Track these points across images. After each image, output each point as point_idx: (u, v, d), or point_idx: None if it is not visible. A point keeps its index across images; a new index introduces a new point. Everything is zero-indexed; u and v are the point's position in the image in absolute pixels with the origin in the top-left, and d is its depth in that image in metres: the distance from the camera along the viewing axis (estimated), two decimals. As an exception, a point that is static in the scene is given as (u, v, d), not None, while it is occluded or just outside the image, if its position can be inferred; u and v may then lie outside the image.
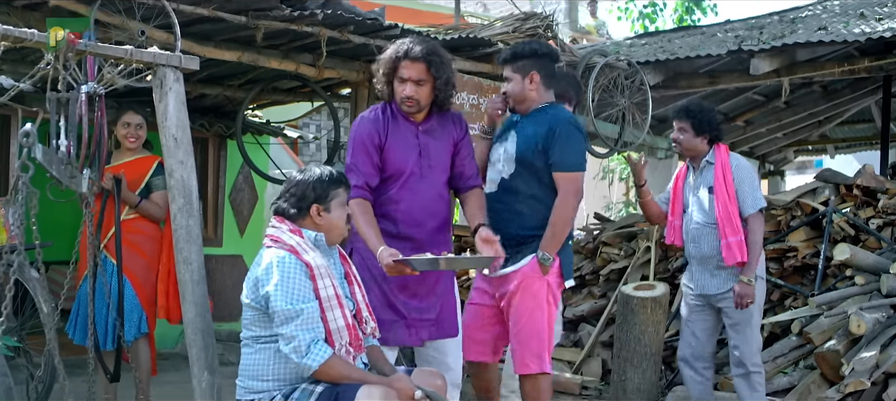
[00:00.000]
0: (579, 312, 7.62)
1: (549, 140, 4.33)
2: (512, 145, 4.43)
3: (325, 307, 3.50)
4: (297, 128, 10.89)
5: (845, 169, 8.39)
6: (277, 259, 3.49)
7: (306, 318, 3.43)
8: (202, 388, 3.99)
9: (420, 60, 4.03)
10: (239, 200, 9.39)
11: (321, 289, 3.50)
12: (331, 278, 3.56)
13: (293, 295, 3.44)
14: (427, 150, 4.14)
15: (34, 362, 5.27)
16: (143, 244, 5.56)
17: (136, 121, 5.68)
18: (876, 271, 6.20)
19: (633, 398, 6.15)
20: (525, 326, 4.33)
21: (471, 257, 4.03)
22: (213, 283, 7.76)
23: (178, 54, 4.07)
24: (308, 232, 3.61)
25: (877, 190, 6.84)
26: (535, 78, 4.43)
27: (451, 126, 4.24)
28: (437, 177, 4.16)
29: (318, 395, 3.45)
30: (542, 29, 6.68)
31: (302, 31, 5.75)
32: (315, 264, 3.51)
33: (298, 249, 3.52)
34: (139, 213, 5.59)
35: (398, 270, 3.84)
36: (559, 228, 4.32)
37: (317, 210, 3.60)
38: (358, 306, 3.69)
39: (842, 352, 5.56)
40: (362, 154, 4.07)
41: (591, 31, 17.48)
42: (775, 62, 7.53)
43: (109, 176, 5.50)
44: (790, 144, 13.46)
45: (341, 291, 3.60)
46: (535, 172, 4.37)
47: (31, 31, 3.72)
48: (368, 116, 4.17)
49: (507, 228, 4.33)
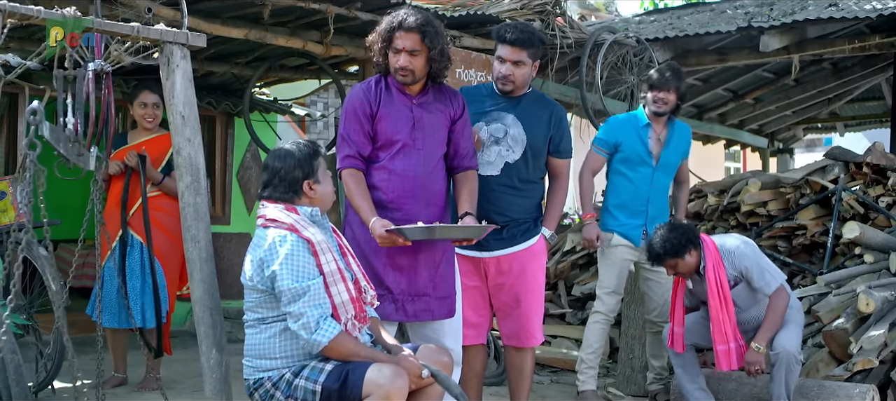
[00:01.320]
0: (587, 290, 7.61)
1: (555, 128, 4.53)
2: (517, 130, 4.46)
3: (329, 282, 3.51)
4: (305, 106, 10.87)
5: (855, 147, 8.35)
6: (279, 238, 3.50)
7: (313, 294, 3.44)
8: (210, 365, 3.99)
9: (414, 30, 4.00)
10: (247, 178, 9.39)
11: (324, 264, 3.51)
12: (331, 253, 3.57)
13: (299, 273, 3.45)
14: (422, 123, 4.11)
15: (43, 340, 5.30)
16: (165, 221, 5.60)
17: (153, 100, 5.69)
18: (885, 250, 6.19)
19: (641, 376, 6.15)
20: (536, 299, 4.55)
21: (464, 226, 4.02)
22: (221, 261, 7.78)
23: (185, 31, 4.05)
24: (303, 208, 3.62)
25: (887, 168, 6.81)
26: (537, 64, 4.56)
27: (448, 102, 4.21)
28: (431, 150, 4.13)
29: (327, 373, 3.45)
30: (550, 5, 6.65)
31: (309, 8, 5.73)
32: (316, 240, 3.52)
33: (298, 227, 3.53)
34: (161, 190, 5.62)
35: (391, 240, 3.84)
36: (560, 209, 4.63)
37: (309, 185, 3.63)
38: (356, 276, 3.70)
39: (850, 330, 5.55)
40: (354, 123, 4.06)
41: (600, 7, 17.39)
42: (785, 39, 7.49)
43: (133, 153, 5.52)
44: (799, 121, 13.42)
45: (342, 264, 3.61)
46: (539, 157, 4.51)
47: (37, 8, 3.70)
48: (361, 86, 4.17)
49: (509, 210, 4.43)
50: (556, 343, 7.29)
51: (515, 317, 4.53)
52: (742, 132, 12.95)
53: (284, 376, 3.53)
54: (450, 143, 4.22)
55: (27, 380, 4.28)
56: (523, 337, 4.57)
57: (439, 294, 4.16)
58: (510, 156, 4.46)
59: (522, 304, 4.51)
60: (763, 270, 5.05)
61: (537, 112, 4.50)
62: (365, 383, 3.37)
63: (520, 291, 4.48)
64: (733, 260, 5.07)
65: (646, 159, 5.64)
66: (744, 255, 5.07)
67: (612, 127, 5.78)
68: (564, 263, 7.84)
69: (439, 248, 4.14)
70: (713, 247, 5.09)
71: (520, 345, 4.58)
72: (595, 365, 5.73)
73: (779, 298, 5.01)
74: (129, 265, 5.58)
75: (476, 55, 6.52)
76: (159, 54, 4.01)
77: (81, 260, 4.85)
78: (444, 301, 4.18)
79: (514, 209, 4.46)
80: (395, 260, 4.05)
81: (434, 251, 4.13)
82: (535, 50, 4.47)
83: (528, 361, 4.64)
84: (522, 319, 4.52)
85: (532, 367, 4.68)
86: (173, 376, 6.17)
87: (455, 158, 4.24)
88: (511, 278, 4.46)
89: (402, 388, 3.39)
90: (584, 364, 5.70)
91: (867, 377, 5.42)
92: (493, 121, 4.50)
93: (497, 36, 4.47)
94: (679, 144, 5.77)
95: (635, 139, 5.66)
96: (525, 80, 4.48)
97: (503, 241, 4.44)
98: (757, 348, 4.97)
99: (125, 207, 5.56)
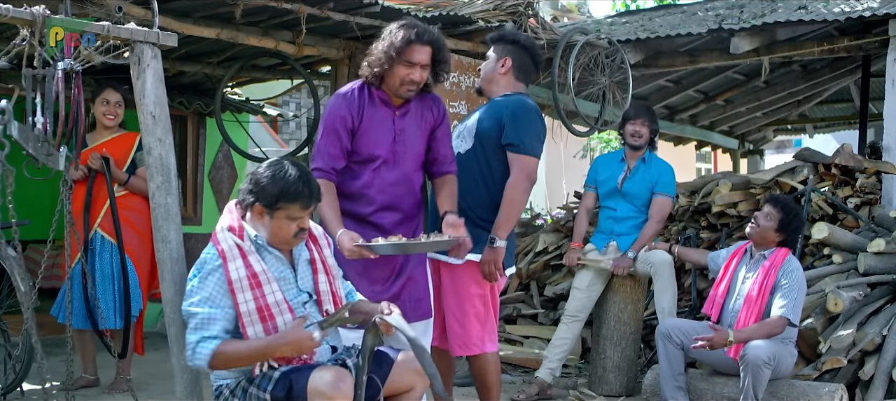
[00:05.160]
0: (559, 290, 7.64)
1: (508, 118, 4.37)
2: (472, 121, 4.50)
3: (245, 323, 3.41)
4: (277, 106, 10.85)
5: (824, 148, 8.44)
6: (203, 259, 3.48)
7: (199, 321, 3.39)
8: (181, 366, 3.96)
9: (429, 44, 4.00)
10: (218, 179, 9.35)
11: (241, 304, 3.41)
12: (261, 288, 3.42)
13: (197, 297, 3.42)
14: (403, 135, 4.11)
15: (11, 341, 5.25)
16: (136, 220, 5.57)
17: (115, 98, 5.65)
18: (853, 250, 6.25)
19: (613, 376, 6.18)
20: (474, 310, 4.42)
21: (432, 241, 3.95)
22: (193, 261, 7.72)
23: (156, 31, 4.02)
24: (249, 231, 3.52)
25: (855, 169, 6.88)
26: (507, 64, 4.54)
27: (428, 110, 4.21)
28: (410, 162, 4.13)
29: (275, 381, 3.41)
30: (522, 6, 6.66)
31: (281, 7, 5.70)
32: (237, 277, 3.41)
33: (228, 256, 3.44)
34: (128, 189, 5.58)
35: (359, 253, 3.81)
36: (512, 209, 4.33)
37: (259, 211, 3.48)
38: (319, 297, 3.60)
39: (819, 330, 5.60)
40: (332, 137, 4.03)
41: (572, 9, 17.44)
42: (755, 41, 7.54)
43: (96, 156, 5.47)
44: (769, 123, 13.52)
45: (281, 296, 3.46)
46: (489, 150, 4.40)
47: (6, 7, 3.67)
48: (344, 95, 4.12)
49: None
50: (528, 343, 7.30)
51: (455, 324, 4.45)
52: (713, 134, 13.04)
53: (240, 383, 3.50)
54: (429, 150, 4.22)
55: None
56: (467, 344, 4.45)
57: (413, 296, 4.17)
58: (462, 146, 4.46)
59: (460, 312, 4.42)
60: (789, 297, 5.08)
61: (497, 108, 4.45)
62: (309, 392, 3.31)
63: (458, 300, 4.42)
64: (790, 269, 5.18)
65: (615, 190, 6.19)
66: (795, 273, 5.17)
67: (594, 165, 6.52)
68: (537, 264, 7.86)
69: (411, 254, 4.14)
70: (783, 254, 5.25)
71: (462, 352, 4.48)
72: (555, 359, 6.06)
73: (777, 323, 5.06)
74: (100, 267, 5.54)
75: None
76: (130, 54, 3.98)
77: (51, 261, 4.81)
78: (419, 304, 4.20)
79: (460, 200, 4.29)
80: (368, 269, 4.04)
81: (406, 257, 4.13)
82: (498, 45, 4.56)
83: (484, 368, 4.48)
84: (465, 326, 4.43)
85: (495, 372, 4.52)
86: (144, 377, 6.13)
87: (434, 165, 4.26)
88: (451, 286, 4.43)
89: (345, 391, 3.31)
90: (545, 358, 6.08)
91: (836, 377, 5.47)
92: (462, 122, 4.58)
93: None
94: (647, 175, 6.13)
95: (610, 173, 6.28)
96: (491, 73, 4.56)
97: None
98: (730, 335, 4.98)
99: (88, 210, 5.51)
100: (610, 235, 6.20)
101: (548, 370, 6.05)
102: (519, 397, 5.92)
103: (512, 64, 4.55)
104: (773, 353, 4.97)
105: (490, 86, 4.57)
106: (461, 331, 4.43)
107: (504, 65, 4.53)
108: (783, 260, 5.21)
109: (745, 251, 5.44)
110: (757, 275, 5.21)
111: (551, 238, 7.96)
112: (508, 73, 4.54)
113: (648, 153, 6.23)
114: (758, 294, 5.15)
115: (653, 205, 6.11)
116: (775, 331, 5.04)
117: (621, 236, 6.14)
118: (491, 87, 4.57)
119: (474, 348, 4.45)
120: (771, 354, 4.95)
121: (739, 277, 5.36)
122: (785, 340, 5.14)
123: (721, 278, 5.44)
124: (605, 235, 6.25)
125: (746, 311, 5.18)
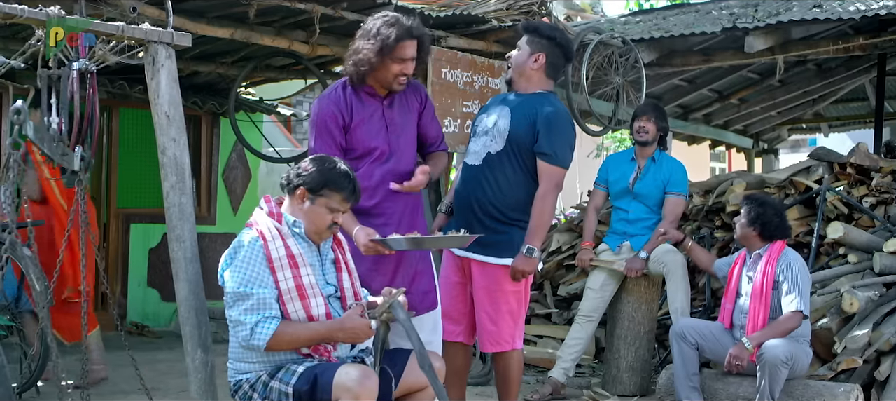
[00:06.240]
0: (573, 290, 7.62)
1: (542, 125, 4.33)
2: (505, 122, 4.42)
3: (285, 299, 3.46)
4: (291, 106, 10.87)
5: (839, 147, 8.39)
6: (240, 242, 3.50)
7: (255, 302, 3.42)
8: (196, 365, 3.98)
9: (417, 38, 4.04)
10: (232, 178, 9.37)
11: (281, 281, 3.47)
12: (298, 269, 3.50)
13: (246, 278, 3.44)
14: (394, 124, 4.15)
15: (27, 340, 5.27)
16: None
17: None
18: (869, 250, 6.21)
19: (627, 376, 6.17)
20: (508, 306, 4.42)
21: (448, 236, 4.05)
22: (206, 261, 7.73)
23: (170, 31, 4.04)
24: (288, 217, 3.60)
25: (870, 168, 6.84)
26: (541, 60, 4.43)
27: (411, 96, 4.26)
28: (405, 149, 4.19)
29: (299, 375, 3.44)
30: (536, 6, 6.64)
31: (295, 7, 5.71)
32: (277, 255, 3.47)
33: (267, 236, 3.50)
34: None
35: (375, 249, 3.84)
36: (542, 220, 4.33)
37: (303, 193, 3.57)
38: (343, 294, 3.66)
39: (834, 330, 5.58)
40: (327, 137, 4.05)
41: (586, 8, 17.42)
42: (770, 40, 7.51)
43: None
44: (784, 122, 13.47)
45: (314, 279, 3.54)
46: (521, 153, 4.37)
47: (21, 7, 3.69)
48: (329, 96, 4.14)
49: (484, 198, 4.37)
50: (541, 343, 7.29)
51: (488, 320, 4.45)
52: (727, 133, 12.99)
53: (261, 378, 3.52)
54: (418, 134, 4.30)
55: (11, 381, 4.25)
56: (498, 341, 4.46)
57: (420, 289, 4.20)
58: (493, 146, 4.42)
59: (493, 310, 4.43)
60: (795, 290, 5.08)
61: (531, 109, 4.38)
62: (334, 387, 3.35)
63: (491, 297, 4.42)
64: (786, 263, 5.18)
65: (627, 190, 6.15)
66: (793, 265, 5.17)
67: (605, 164, 6.44)
68: (550, 264, 7.85)
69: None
70: (779, 247, 5.26)
71: (493, 349, 4.49)
72: (569, 359, 6.06)
73: (792, 318, 5.05)
74: None
75: (462, 55, 6.51)
76: (144, 54, 4.00)
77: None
78: (426, 296, 4.23)
79: (486, 201, 4.36)
80: (377, 264, 4.06)
81: (412, 252, 4.15)
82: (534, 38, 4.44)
83: (509, 365, 4.51)
84: (498, 323, 4.44)
85: (518, 369, 4.55)
86: (158, 377, 6.15)
87: (425, 147, 4.35)
88: (485, 283, 4.43)
89: (370, 388, 3.35)
90: (559, 358, 6.09)
91: (851, 377, 5.44)
92: (487, 113, 4.53)
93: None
94: (658, 175, 6.09)
95: (621, 173, 6.22)
96: (522, 66, 4.45)
97: (483, 246, 4.35)
98: (746, 342, 5.02)
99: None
100: (623, 237, 6.18)
101: (561, 370, 6.05)
102: (532, 396, 5.91)
103: (546, 60, 4.44)
104: (790, 352, 4.96)
105: (520, 80, 4.48)
106: (493, 327, 4.44)
107: (537, 61, 4.43)
108: (779, 254, 5.23)
109: (746, 255, 5.44)
110: (757, 272, 5.24)
111: (565, 238, 7.94)
112: (541, 70, 4.44)
113: (658, 152, 6.19)
114: (761, 288, 5.18)
115: (666, 204, 6.08)
116: (791, 326, 5.04)
117: (635, 238, 6.11)
118: (521, 81, 4.47)
119: (505, 345, 4.46)
120: (788, 353, 4.95)
121: (743, 281, 5.37)
122: (800, 339, 5.13)
123: (728, 287, 5.46)
124: (618, 236, 6.22)
125: (755, 304, 5.19)
